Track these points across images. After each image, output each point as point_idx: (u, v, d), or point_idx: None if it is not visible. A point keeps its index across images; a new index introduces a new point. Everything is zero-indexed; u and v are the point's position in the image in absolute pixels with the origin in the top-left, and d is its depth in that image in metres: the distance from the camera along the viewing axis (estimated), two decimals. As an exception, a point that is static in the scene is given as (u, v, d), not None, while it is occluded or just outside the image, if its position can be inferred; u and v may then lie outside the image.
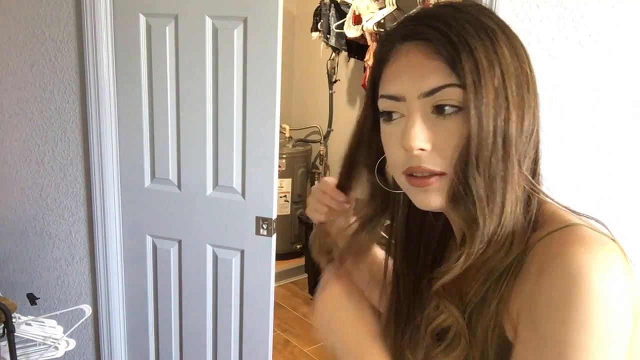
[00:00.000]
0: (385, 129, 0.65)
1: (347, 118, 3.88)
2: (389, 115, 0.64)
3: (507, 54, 0.59)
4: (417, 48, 0.61)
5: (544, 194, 0.64)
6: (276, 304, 1.95)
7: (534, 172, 0.63)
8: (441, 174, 0.61)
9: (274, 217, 1.87)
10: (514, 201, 0.59)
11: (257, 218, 1.87)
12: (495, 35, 0.59)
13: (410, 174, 0.62)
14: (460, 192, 0.59)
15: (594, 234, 0.56)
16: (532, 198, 0.61)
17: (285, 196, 3.82)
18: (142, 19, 1.85)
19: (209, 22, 1.78)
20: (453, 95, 0.59)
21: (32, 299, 1.87)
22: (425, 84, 0.59)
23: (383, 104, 0.64)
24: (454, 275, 0.61)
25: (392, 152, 0.65)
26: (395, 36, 0.64)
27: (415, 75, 0.60)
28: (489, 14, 0.62)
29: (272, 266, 1.91)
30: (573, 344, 0.53)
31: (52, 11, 1.89)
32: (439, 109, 0.60)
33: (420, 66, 0.60)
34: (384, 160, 0.70)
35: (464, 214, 0.60)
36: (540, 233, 0.59)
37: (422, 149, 0.60)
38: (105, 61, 1.87)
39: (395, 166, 0.65)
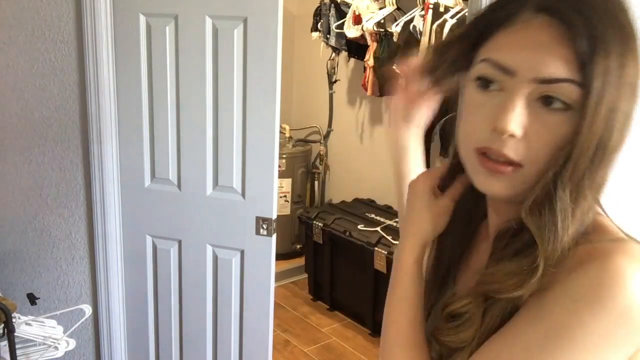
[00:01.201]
0: (474, 95, 0.59)
1: (347, 118, 3.88)
2: (485, 83, 0.58)
3: (631, 64, 0.55)
4: (551, 27, 0.54)
5: (602, 208, 0.62)
6: (276, 304, 1.95)
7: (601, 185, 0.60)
8: (517, 165, 0.56)
9: (274, 217, 1.87)
10: (585, 213, 0.57)
11: (257, 218, 1.87)
12: (630, 42, 0.55)
13: (483, 153, 0.58)
14: (546, 199, 0.55)
15: None
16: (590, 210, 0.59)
17: (285, 196, 3.82)
18: (142, 19, 1.85)
19: (209, 22, 1.78)
20: (569, 92, 0.53)
21: (32, 299, 1.87)
22: (546, 70, 0.54)
23: (485, 69, 0.58)
24: (531, 291, 0.56)
25: (472, 124, 0.59)
26: (529, 1, 0.56)
27: (539, 57, 0.54)
28: (628, 10, 0.56)
29: (272, 266, 1.91)
30: (569, 338, 0.52)
31: (52, 11, 1.89)
32: (546, 100, 0.54)
33: (547, 49, 0.54)
34: None
35: (539, 221, 0.55)
36: (582, 240, 0.57)
37: (512, 135, 0.55)
38: (105, 61, 1.87)
39: (469, 139, 0.60)
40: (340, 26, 3.41)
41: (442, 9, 2.73)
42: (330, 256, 3.27)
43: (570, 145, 0.54)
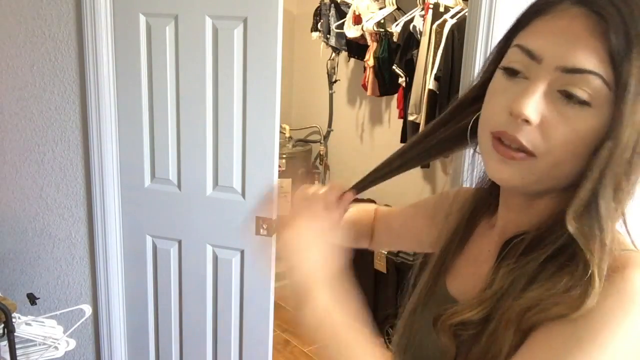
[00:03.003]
0: (500, 81, 0.59)
1: (347, 118, 3.88)
2: (512, 72, 0.57)
3: None
4: (586, 19, 0.53)
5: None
6: (276, 304, 1.95)
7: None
8: (530, 154, 0.56)
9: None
10: (617, 219, 0.56)
11: (257, 218, 1.87)
12: None
13: (498, 138, 0.57)
14: (592, 203, 0.53)
15: None
16: None
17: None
18: (142, 19, 1.85)
19: (209, 22, 1.78)
20: (591, 86, 0.52)
21: (32, 299, 1.87)
22: (572, 59, 0.53)
23: (514, 56, 0.58)
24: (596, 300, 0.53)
25: (492, 108, 0.59)
26: None
27: (568, 45, 0.53)
28: None
29: (272, 266, 1.91)
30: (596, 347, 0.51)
31: (52, 11, 1.89)
32: (567, 94, 0.54)
33: (578, 38, 0.53)
34: None
35: (587, 232, 0.54)
36: None
37: (527, 121, 0.54)
38: (105, 61, 1.87)
39: (487, 123, 0.60)
40: (340, 26, 3.41)
41: (442, 9, 2.73)
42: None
43: (608, 150, 0.52)
